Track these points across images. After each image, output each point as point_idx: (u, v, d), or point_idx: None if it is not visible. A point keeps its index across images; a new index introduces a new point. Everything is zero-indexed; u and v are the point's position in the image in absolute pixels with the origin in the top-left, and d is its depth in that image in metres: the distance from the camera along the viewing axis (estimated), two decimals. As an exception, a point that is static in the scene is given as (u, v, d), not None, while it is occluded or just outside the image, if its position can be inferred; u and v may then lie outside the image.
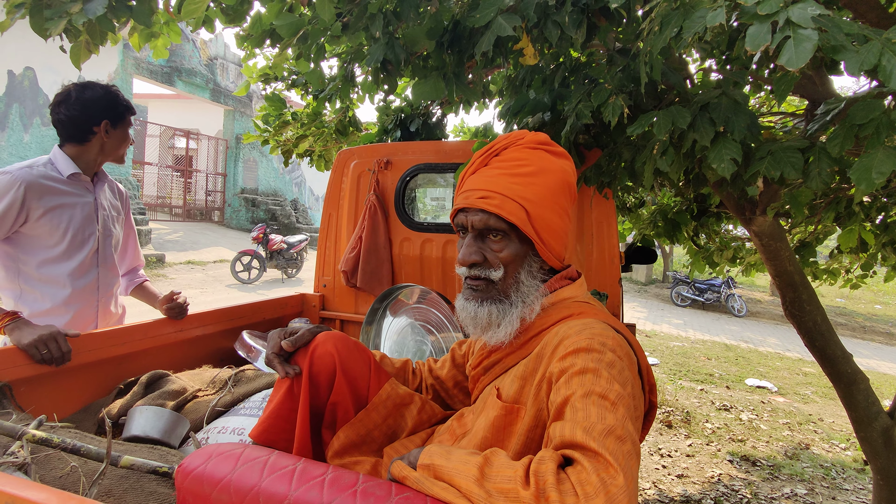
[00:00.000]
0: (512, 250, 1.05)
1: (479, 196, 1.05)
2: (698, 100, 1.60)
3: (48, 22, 1.74)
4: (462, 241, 1.11)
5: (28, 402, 1.49)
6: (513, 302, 1.05)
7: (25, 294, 1.79)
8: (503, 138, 1.14)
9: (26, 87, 10.23)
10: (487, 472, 0.74)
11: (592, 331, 0.94)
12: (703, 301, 13.48)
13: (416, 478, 0.77)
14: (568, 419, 0.79)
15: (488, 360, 1.14)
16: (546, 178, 1.07)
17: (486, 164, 1.12)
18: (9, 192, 1.67)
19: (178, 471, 0.75)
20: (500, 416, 1.00)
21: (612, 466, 0.70)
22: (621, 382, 0.84)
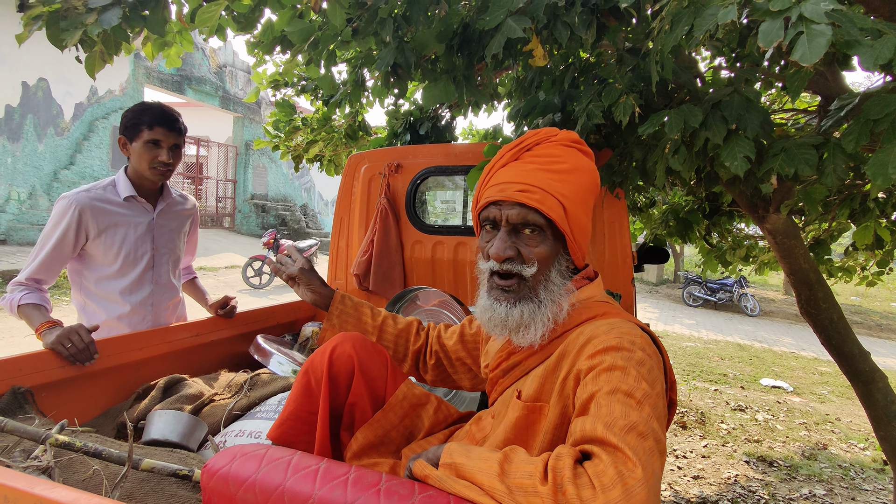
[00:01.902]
0: (547, 247, 1.03)
1: (518, 189, 1.02)
2: (710, 98, 1.59)
3: (64, 33, 1.77)
4: (488, 236, 1.07)
5: (49, 408, 1.51)
6: (542, 301, 1.03)
7: (87, 307, 1.91)
8: (533, 134, 1.12)
9: (40, 98, 10.39)
10: (507, 468, 0.75)
11: (621, 330, 0.93)
12: (715, 301, 13.36)
13: (438, 476, 0.77)
14: (591, 414, 0.79)
15: (507, 362, 1.12)
16: (580, 176, 1.07)
17: (518, 158, 1.09)
18: (65, 216, 1.77)
19: (204, 471, 0.76)
20: (521, 416, 0.99)
21: (630, 460, 0.70)
22: (649, 381, 0.84)
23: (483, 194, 1.10)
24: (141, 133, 1.83)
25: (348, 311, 1.47)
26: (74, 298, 1.95)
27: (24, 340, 5.31)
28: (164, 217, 2.01)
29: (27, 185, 10.22)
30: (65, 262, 1.82)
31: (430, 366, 1.44)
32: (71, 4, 1.79)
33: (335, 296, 1.48)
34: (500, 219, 1.04)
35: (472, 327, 1.42)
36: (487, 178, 1.12)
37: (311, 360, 1.21)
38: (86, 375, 1.62)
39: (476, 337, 1.40)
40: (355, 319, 1.46)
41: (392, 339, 1.46)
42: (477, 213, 1.11)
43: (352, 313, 1.47)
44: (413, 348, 1.45)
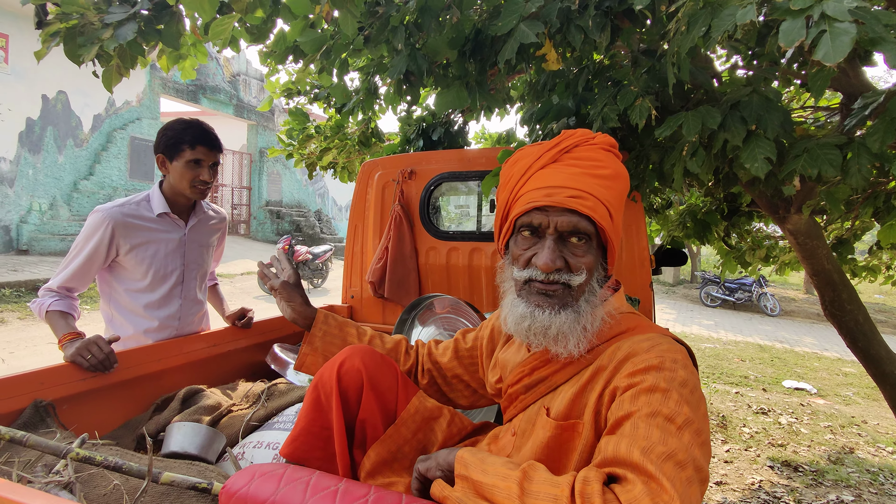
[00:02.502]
0: (592, 256, 0.98)
1: (570, 195, 0.96)
2: (728, 98, 1.56)
3: (81, 48, 1.80)
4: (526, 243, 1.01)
5: (70, 421, 1.52)
6: (582, 310, 0.97)
7: (115, 319, 1.93)
8: (570, 135, 1.06)
9: (59, 110, 10.60)
10: (528, 487, 0.72)
11: (661, 348, 0.90)
12: (733, 301, 13.17)
13: (457, 498, 0.75)
14: (626, 435, 0.76)
15: (530, 378, 1.07)
16: (620, 182, 1.03)
17: (557, 160, 1.02)
18: (98, 231, 1.79)
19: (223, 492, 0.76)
20: (553, 436, 0.95)
21: (667, 492, 0.67)
22: (692, 404, 0.80)
23: (522, 197, 1.01)
24: (182, 152, 1.82)
25: (332, 332, 1.38)
26: (103, 310, 1.96)
27: (46, 349, 5.40)
28: (196, 233, 2.02)
29: (48, 196, 10.42)
30: (95, 272, 1.84)
31: (424, 385, 1.38)
32: (87, 20, 1.81)
33: (318, 315, 1.39)
34: (546, 225, 0.97)
35: (466, 342, 1.36)
36: (524, 180, 1.03)
37: (321, 375, 1.18)
38: (106, 387, 1.63)
39: (472, 352, 1.35)
40: (340, 340, 1.38)
41: None
42: (514, 217, 1.03)
43: (336, 333, 1.38)
44: (403, 368, 1.39)
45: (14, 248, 9.91)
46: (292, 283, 1.41)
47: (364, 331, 1.42)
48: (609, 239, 0.99)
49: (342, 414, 1.11)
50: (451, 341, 1.40)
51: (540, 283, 0.99)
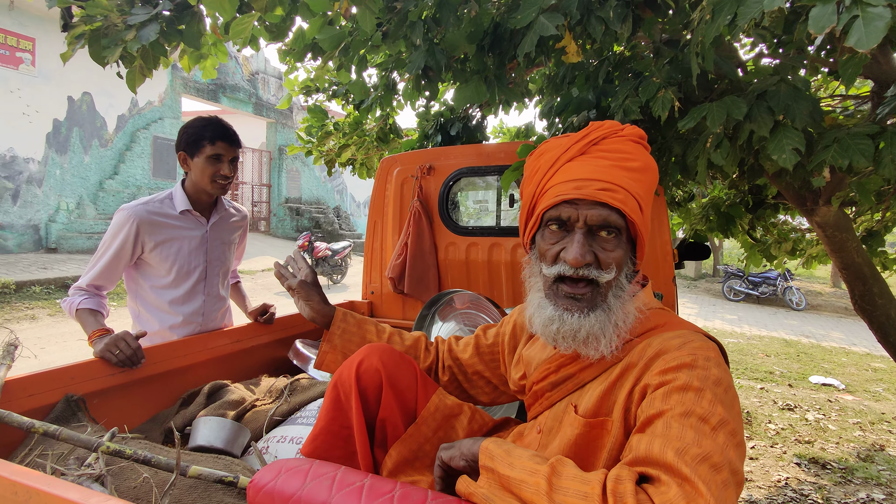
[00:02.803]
0: (622, 250, 0.96)
1: (601, 188, 0.93)
2: (754, 88, 1.52)
3: (105, 50, 1.83)
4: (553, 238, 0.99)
5: (100, 415, 1.56)
6: (612, 308, 0.95)
7: (141, 315, 1.97)
8: (598, 127, 1.03)
9: (84, 111, 10.83)
10: (556, 483, 0.71)
11: (694, 345, 0.88)
12: (757, 295, 12.92)
13: (483, 494, 0.75)
14: (658, 435, 0.74)
15: (557, 375, 1.05)
16: (649, 175, 1.00)
17: (586, 152, 1.00)
18: (123, 228, 1.83)
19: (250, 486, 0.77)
20: (582, 433, 0.93)
21: (702, 496, 0.65)
22: (726, 404, 0.78)
23: (550, 190, 0.99)
24: (203, 148, 1.86)
25: (351, 330, 1.38)
26: (129, 306, 2.01)
27: (76, 344, 5.54)
28: (217, 230, 2.05)
29: (75, 196, 10.67)
30: (122, 270, 1.88)
31: (444, 382, 1.38)
32: (111, 22, 1.84)
33: (336, 314, 1.38)
34: (575, 219, 0.95)
35: (487, 338, 1.35)
36: (551, 173, 1.01)
37: (339, 374, 1.18)
38: (134, 382, 1.67)
39: (493, 349, 1.34)
40: (359, 338, 1.37)
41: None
42: (541, 211, 1.00)
43: (355, 331, 1.38)
44: (423, 365, 1.38)
45: (43, 247, 10.17)
46: (310, 281, 1.40)
47: (383, 328, 1.41)
48: (639, 233, 0.97)
49: (362, 413, 1.11)
50: (471, 338, 1.39)
51: (568, 284, 0.97)
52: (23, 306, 7.06)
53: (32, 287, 7.64)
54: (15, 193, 9.66)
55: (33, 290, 7.60)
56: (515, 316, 1.33)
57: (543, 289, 1.01)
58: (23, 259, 9.22)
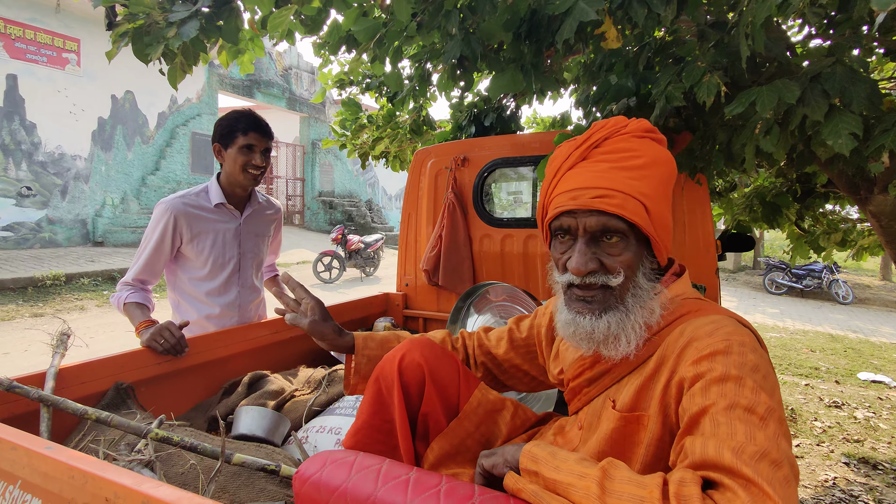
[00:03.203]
0: (631, 252, 0.94)
1: (595, 196, 0.93)
2: (807, 70, 1.45)
3: (148, 48, 1.87)
4: (562, 247, 0.99)
5: (148, 402, 1.61)
6: (629, 308, 0.94)
7: (181, 305, 2.04)
8: (600, 127, 1.01)
9: (127, 109, 11.19)
10: (609, 486, 0.69)
11: (726, 330, 0.85)
12: (801, 288, 12.45)
13: (532, 491, 0.73)
14: (709, 435, 0.72)
15: (592, 371, 1.04)
16: (658, 169, 0.97)
17: (587, 157, 0.99)
18: (161, 221, 1.90)
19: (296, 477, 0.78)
20: (618, 427, 0.92)
21: (770, 498, 0.63)
22: (768, 390, 0.76)
23: (552, 202, 1.00)
24: (236, 139, 1.91)
25: (375, 355, 1.35)
26: (169, 296, 2.08)
27: (123, 335, 5.76)
28: (251, 223, 2.09)
29: (119, 191, 11.07)
30: (164, 263, 1.95)
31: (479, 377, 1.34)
32: (153, 20, 1.89)
33: (356, 342, 1.35)
34: (575, 228, 0.96)
35: (521, 331, 1.34)
36: (554, 183, 1.02)
37: (381, 368, 1.18)
38: (178, 371, 1.72)
39: (529, 341, 1.33)
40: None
41: None
42: (548, 223, 1.02)
43: (379, 354, 1.35)
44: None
45: (91, 241, 10.60)
46: (318, 317, 1.33)
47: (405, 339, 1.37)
48: (650, 233, 0.95)
49: (405, 408, 1.11)
50: (503, 331, 1.38)
51: (578, 289, 0.97)
52: (72, 297, 7.38)
53: (81, 279, 7.97)
54: (63, 189, 10.08)
55: (82, 281, 7.93)
56: (552, 307, 1.30)
57: (562, 294, 1.02)
58: (72, 252, 9.63)
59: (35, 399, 1.25)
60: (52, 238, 9.93)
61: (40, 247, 9.73)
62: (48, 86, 9.72)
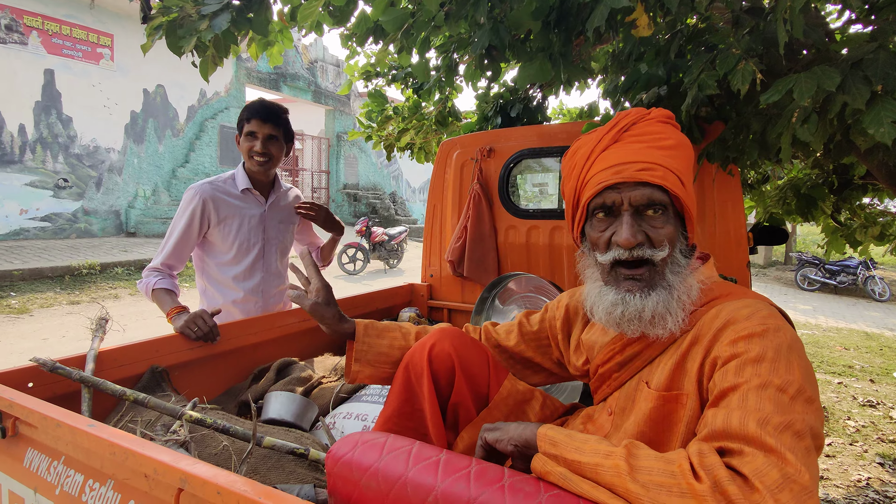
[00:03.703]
0: (672, 226, 0.97)
1: (640, 168, 0.95)
2: (848, 57, 1.40)
3: (181, 40, 1.91)
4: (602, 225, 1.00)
5: (181, 386, 1.66)
6: (671, 284, 0.96)
7: (208, 290, 2.10)
8: (624, 115, 1.05)
9: (158, 103, 11.44)
10: (635, 463, 0.70)
11: (762, 314, 0.87)
12: (835, 284, 12.09)
13: (560, 473, 0.74)
14: (735, 408, 0.73)
15: (622, 355, 1.05)
16: (685, 151, 1.02)
17: (618, 140, 1.02)
18: (190, 204, 1.96)
19: (328, 457, 0.79)
20: (656, 407, 0.93)
21: (790, 463, 0.64)
22: (801, 370, 0.77)
23: (591, 180, 1.01)
24: (243, 127, 2.00)
25: (376, 343, 1.32)
26: (197, 282, 2.14)
27: (154, 322, 5.92)
28: (275, 209, 2.14)
29: (151, 183, 11.35)
30: (192, 247, 2.00)
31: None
32: (186, 13, 1.92)
33: (357, 329, 1.32)
34: (619, 203, 0.97)
35: (531, 324, 1.34)
36: (588, 165, 1.03)
37: (411, 357, 1.20)
38: (210, 357, 1.76)
39: (540, 335, 1.33)
40: (387, 347, 1.33)
41: None
42: (586, 201, 1.03)
43: (382, 342, 1.33)
44: None
45: (124, 231, 10.91)
46: (322, 301, 1.32)
47: (407, 330, 1.37)
48: (686, 206, 0.98)
49: (435, 398, 1.13)
50: (512, 324, 1.38)
51: (625, 267, 0.98)
52: (107, 286, 7.61)
53: (115, 268, 8.21)
54: (98, 181, 10.38)
55: (116, 271, 8.17)
56: (567, 300, 1.31)
57: (601, 277, 1.03)
58: (106, 242, 9.92)
59: (76, 380, 1.30)
60: (87, 228, 10.24)
61: (76, 237, 10.05)
62: (83, 80, 9.99)
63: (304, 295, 1.35)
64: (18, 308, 6.27)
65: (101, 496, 0.96)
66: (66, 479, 1.02)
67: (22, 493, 1.11)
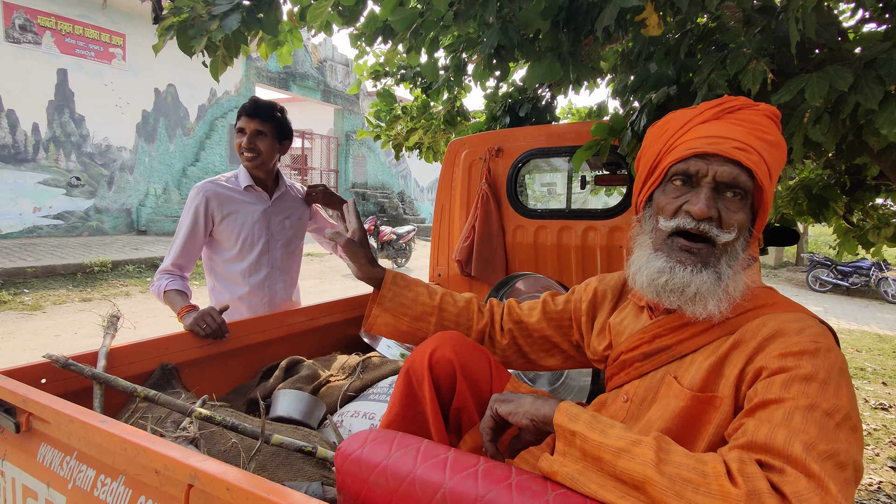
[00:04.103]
0: (745, 215, 0.94)
1: (736, 146, 0.92)
2: (861, 56, 1.39)
3: (192, 40, 1.93)
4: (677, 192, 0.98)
5: (191, 383, 1.68)
6: (722, 272, 0.93)
7: (216, 288, 2.14)
8: (732, 99, 1.01)
9: (169, 102, 11.53)
10: (664, 456, 0.69)
11: (814, 331, 0.85)
12: (847, 286, 11.96)
13: (568, 474, 0.73)
14: (779, 424, 0.72)
15: (650, 345, 1.03)
16: (780, 153, 0.98)
17: (720, 118, 0.99)
18: (194, 203, 2.00)
19: (338, 454, 0.80)
20: (688, 406, 0.91)
21: (831, 494, 0.64)
22: (849, 396, 0.76)
23: (681, 145, 0.98)
24: (236, 124, 2.04)
25: (403, 293, 1.34)
26: (206, 281, 2.18)
27: (165, 320, 5.98)
28: (279, 205, 2.17)
29: (161, 182, 11.44)
30: (199, 246, 2.03)
31: (504, 345, 1.35)
32: (197, 13, 1.94)
33: (386, 276, 1.34)
34: (704, 173, 0.94)
35: (556, 304, 1.33)
36: (682, 132, 1.00)
37: (412, 362, 1.19)
38: (219, 354, 1.78)
39: (563, 315, 1.31)
40: (411, 300, 1.34)
41: (454, 319, 1.35)
42: (668, 164, 1.00)
43: (407, 293, 1.34)
44: (477, 327, 1.36)
45: (135, 229, 11.01)
46: (356, 240, 1.34)
47: (434, 290, 1.38)
48: (764, 202, 0.95)
49: (437, 403, 1.13)
50: (537, 302, 1.37)
51: (685, 239, 0.95)
52: (118, 283, 7.69)
53: (126, 266, 8.29)
54: (110, 180, 10.48)
55: (127, 268, 8.25)
56: (595, 284, 1.30)
57: (655, 244, 1.01)
58: (117, 240, 10.02)
59: (88, 376, 1.31)
60: (99, 226, 10.35)
61: (88, 235, 10.16)
62: (96, 79, 10.09)
63: (342, 234, 1.37)
64: (31, 305, 6.35)
65: (113, 491, 0.97)
66: (79, 473, 1.04)
67: (35, 488, 1.13)
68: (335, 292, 8.31)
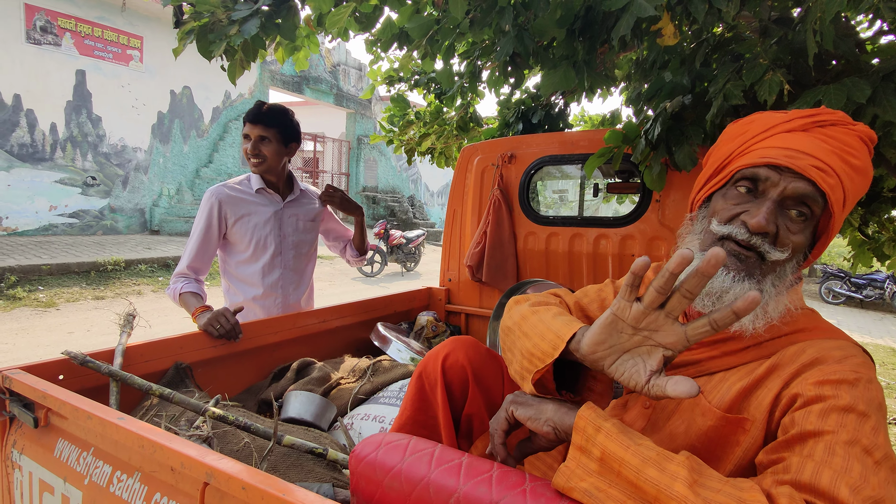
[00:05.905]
0: (805, 237, 0.89)
1: (815, 164, 0.86)
2: (879, 68, 1.38)
3: (211, 45, 1.96)
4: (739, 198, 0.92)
5: (204, 383, 1.69)
6: (765, 291, 0.88)
7: (230, 289, 2.17)
8: (826, 111, 0.95)
9: (184, 104, 11.67)
10: (698, 479, 0.67)
11: (856, 361, 0.83)
12: (861, 298, 11.82)
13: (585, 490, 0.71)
14: (821, 462, 0.71)
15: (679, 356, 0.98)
16: (864, 181, 0.92)
17: (808, 130, 0.92)
18: (207, 206, 2.03)
19: (352, 457, 0.81)
20: (716, 427, 0.88)
21: None
22: (885, 432, 0.75)
23: (757, 151, 0.93)
24: (242, 129, 2.08)
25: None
26: (221, 283, 2.21)
27: (177, 319, 6.03)
28: (292, 208, 2.19)
29: (175, 182, 11.57)
30: (213, 249, 2.05)
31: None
32: (217, 18, 1.97)
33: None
34: (773, 184, 0.88)
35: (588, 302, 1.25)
36: (762, 136, 0.95)
37: (424, 366, 1.20)
38: (232, 355, 1.79)
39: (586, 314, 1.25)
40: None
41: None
42: (738, 167, 0.94)
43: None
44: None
45: (148, 229, 11.13)
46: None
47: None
48: (830, 229, 0.90)
49: (449, 408, 1.13)
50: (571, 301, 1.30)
51: (735, 244, 0.90)
52: (131, 282, 7.77)
53: (139, 265, 8.38)
54: (125, 180, 10.62)
55: (140, 267, 8.34)
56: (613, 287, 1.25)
57: (702, 245, 0.96)
58: (130, 239, 10.14)
59: (105, 374, 1.34)
60: (113, 226, 10.48)
61: (102, 233, 10.29)
62: (113, 81, 10.24)
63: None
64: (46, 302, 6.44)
65: (128, 487, 0.98)
66: (95, 469, 1.05)
67: (52, 482, 1.14)
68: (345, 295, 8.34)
